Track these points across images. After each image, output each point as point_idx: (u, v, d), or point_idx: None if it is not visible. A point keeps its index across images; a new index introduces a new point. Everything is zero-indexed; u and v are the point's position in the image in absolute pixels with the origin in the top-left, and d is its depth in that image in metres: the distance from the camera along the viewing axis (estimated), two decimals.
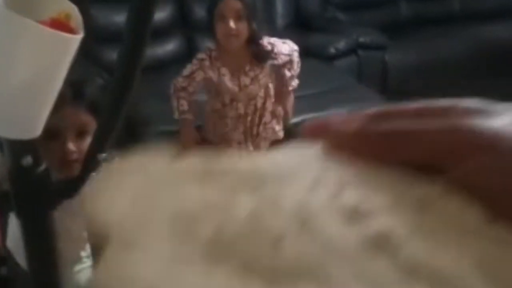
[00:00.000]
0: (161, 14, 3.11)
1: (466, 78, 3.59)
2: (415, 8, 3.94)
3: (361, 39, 3.22)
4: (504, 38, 3.73)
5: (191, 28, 3.27)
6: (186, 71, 2.10)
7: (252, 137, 2.22)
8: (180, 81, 2.10)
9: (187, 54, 3.23)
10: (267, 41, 2.09)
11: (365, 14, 3.77)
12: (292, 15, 3.61)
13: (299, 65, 2.20)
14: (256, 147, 2.28)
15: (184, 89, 2.08)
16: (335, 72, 3.06)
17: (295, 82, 2.21)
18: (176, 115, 2.14)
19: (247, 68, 2.06)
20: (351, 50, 3.19)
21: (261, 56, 2.06)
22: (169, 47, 3.15)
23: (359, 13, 3.76)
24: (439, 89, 3.51)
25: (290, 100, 2.25)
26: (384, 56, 3.33)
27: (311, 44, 3.27)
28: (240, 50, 2.04)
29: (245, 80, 2.07)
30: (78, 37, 0.66)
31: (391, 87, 3.32)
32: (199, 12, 3.28)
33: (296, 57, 2.19)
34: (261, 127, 2.22)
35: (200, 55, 2.09)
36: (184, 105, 2.09)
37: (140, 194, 0.18)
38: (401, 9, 3.93)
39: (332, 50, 3.13)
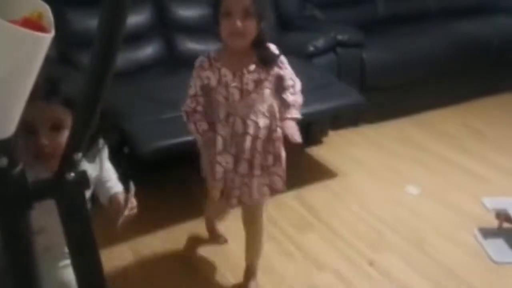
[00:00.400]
0: (139, 17, 3.10)
1: (441, 74, 3.66)
2: (392, 6, 3.99)
3: (339, 37, 3.25)
4: (478, 35, 3.79)
5: (171, 30, 3.25)
6: (190, 90, 1.83)
7: (251, 169, 1.86)
8: (187, 104, 1.83)
9: (168, 55, 3.23)
10: (275, 47, 1.84)
11: (342, 12, 3.81)
12: (271, 14, 3.62)
13: (301, 98, 1.91)
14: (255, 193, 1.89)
15: (195, 110, 1.82)
16: (315, 70, 3.08)
17: (296, 112, 1.89)
18: (199, 139, 1.86)
19: (252, 68, 1.77)
20: (330, 48, 3.22)
21: (268, 59, 1.78)
22: (149, 49, 3.13)
23: (337, 11, 3.80)
24: (416, 85, 3.57)
25: (292, 128, 1.86)
26: (361, 54, 3.36)
27: (291, 42, 3.28)
28: (245, 51, 1.76)
29: (249, 83, 1.76)
30: (49, 35, 0.66)
31: (369, 83, 3.36)
32: (178, 13, 3.27)
33: (299, 86, 1.91)
34: (269, 158, 1.88)
35: (198, 61, 1.81)
36: (203, 125, 1.82)
37: None
38: (378, 7, 3.98)
39: (311, 48, 3.16)
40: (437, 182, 2.95)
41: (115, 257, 2.30)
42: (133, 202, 1.41)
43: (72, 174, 0.96)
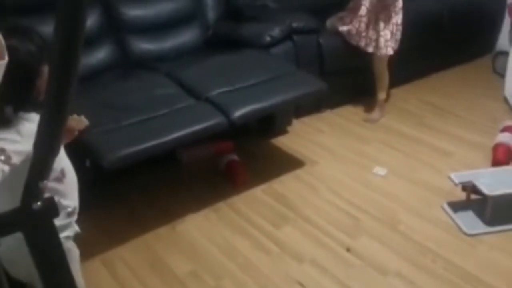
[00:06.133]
0: (87, 21, 2.96)
1: (396, 52, 3.68)
2: None
3: (295, 25, 3.21)
4: (430, 11, 3.84)
5: (122, 31, 3.13)
6: None
7: None
8: None
9: (121, 58, 3.11)
10: None
11: None
12: (223, 6, 3.56)
13: None
14: None
15: None
16: (273, 60, 3.04)
17: None
18: None
19: None
20: (286, 36, 3.18)
21: None
22: (101, 54, 3.00)
23: None
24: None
25: None
26: (318, 39, 3.34)
27: (246, 34, 3.23)
28: None
29: None
30: (3, 62, 0.60)
31: (328, 68, 3.36)
32: (128, 13, 3.15)
33: None
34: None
35: None
36: None
37: None
38: None
39: (267, 38, 3.11)
40: (403, 161, 2.99)
41: (89, 273, 2.21)
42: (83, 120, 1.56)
43: (39, 203, 0.90)
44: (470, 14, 4.00)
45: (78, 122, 1.53)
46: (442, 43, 3.95)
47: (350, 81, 3.51)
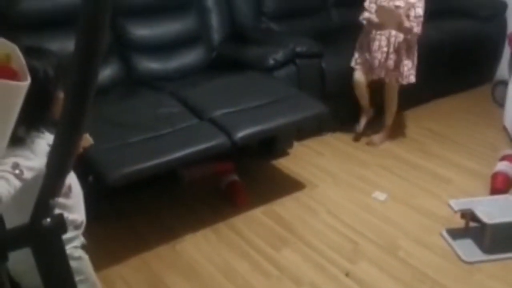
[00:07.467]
0: None
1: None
2: (345, 14, 4.03)
3: (298, 49, 3.26)
4: (431, 39, 3.89)
5: (128, 50, 3.18)
6: None
7: None
8: None
9: (126, 76, 3.15)
10: None
11: (297, 22, 3.85)
12: (227, 28, 3.62)
13: None
14: None
15: None
16: (276, 83, 3.08)
17: None
18: None
19: None
20: (289, 60, 3.22)
21: None
22: (107, 71, 3.04)
23: (292, 22, 3.83)
24: (373, 90, 3.63)
25: None
26: (321, 63, 3.39)
27: (250, 57, 3.28)
28: None
29: None
30: (25, 84, 0.62)
31: (329, 92, 3.39)
32: (135, 32, 3.21)
33: None
34: None
35: None
36: None
37: None
38: (332, 15, 4.03)
39: (271, 61, 3.15)
40: (403, 186, 3.00)
41: None
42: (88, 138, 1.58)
43: (48, 220, 0.91)
44: (470, 43, 4.07)
45: (84, 140, 1.54)
46: (443, 71, 4.00)
47: (351, 105, 3.54)
